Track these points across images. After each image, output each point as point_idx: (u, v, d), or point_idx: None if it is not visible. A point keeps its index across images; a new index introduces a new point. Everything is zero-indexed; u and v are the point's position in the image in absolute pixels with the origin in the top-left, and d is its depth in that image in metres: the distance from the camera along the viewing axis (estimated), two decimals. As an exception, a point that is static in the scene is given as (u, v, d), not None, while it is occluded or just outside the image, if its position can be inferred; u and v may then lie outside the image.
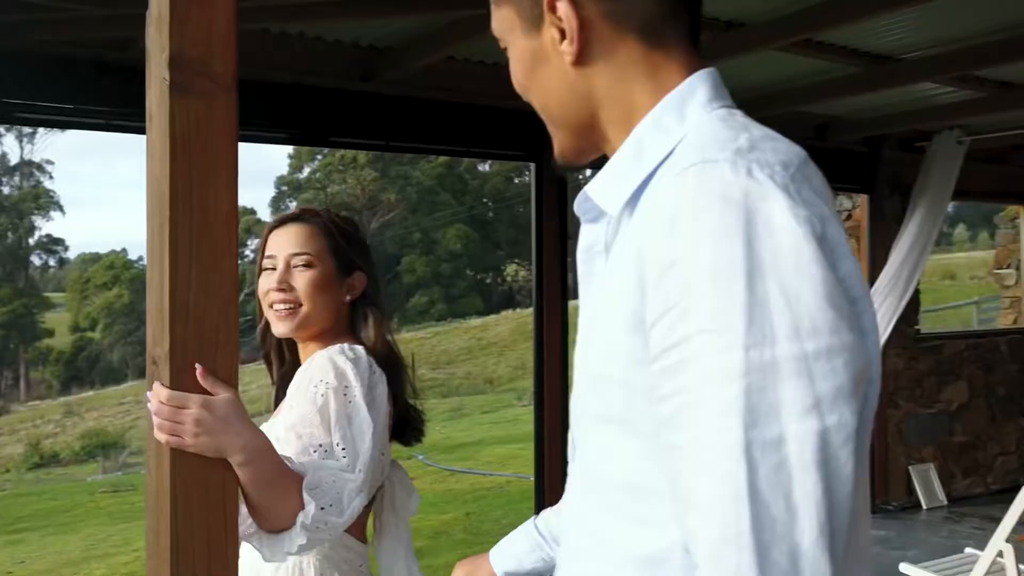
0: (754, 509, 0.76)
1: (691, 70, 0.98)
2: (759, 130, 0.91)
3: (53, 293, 51.53)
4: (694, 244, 0.80)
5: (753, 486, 0.76)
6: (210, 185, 1.38)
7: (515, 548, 1.50)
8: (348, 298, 1.88)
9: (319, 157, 43.88)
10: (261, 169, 54.90)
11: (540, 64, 1.00)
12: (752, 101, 5.00)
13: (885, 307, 6.11)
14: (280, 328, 1.85)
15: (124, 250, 49.06)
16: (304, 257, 1.84)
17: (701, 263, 0.80)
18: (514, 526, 1.53)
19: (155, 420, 1.38)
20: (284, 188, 45.69)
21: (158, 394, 1.38)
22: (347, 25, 4.03)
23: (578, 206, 1.03)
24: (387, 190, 42.20)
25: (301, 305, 1.83)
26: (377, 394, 1.72)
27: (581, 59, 0.96)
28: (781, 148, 0.88)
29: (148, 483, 1.46)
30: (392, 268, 40.00)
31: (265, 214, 45.01)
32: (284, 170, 50.74)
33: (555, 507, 1.46)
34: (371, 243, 2.08)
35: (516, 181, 44.68)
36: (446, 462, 12.58)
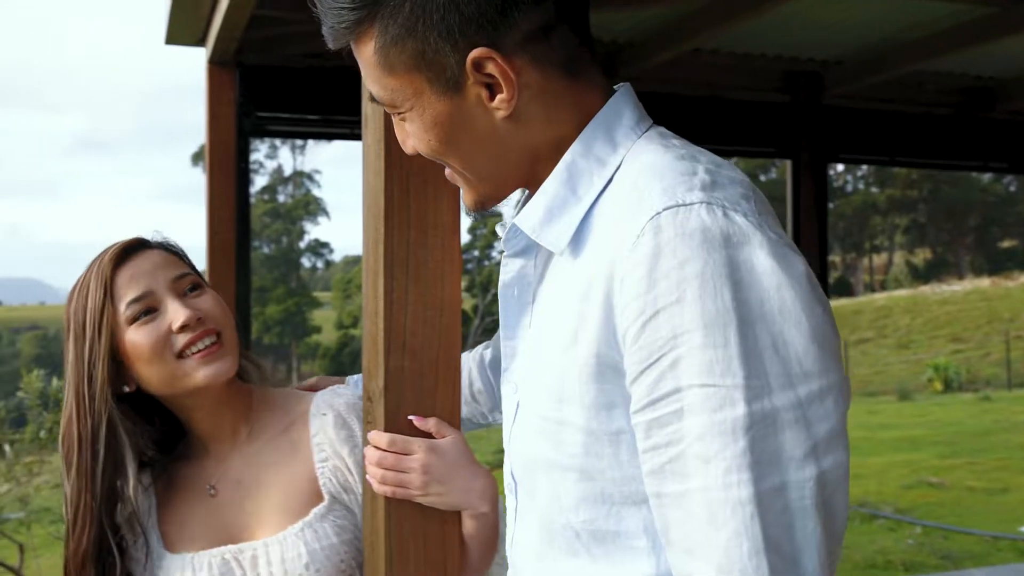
0: (771, 558, 0.77)
1: (607, 91, 0.96)
2: (704, 155, 0.90)
3: (321, 292, 55.68)
4: (680, 293, 0.79)
5: (767, 536, 0.77)
6: (429, 196, 1.22)
7: None
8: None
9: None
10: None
11: (462, 126, 0.92)
12: (867, 59, 4.17)
13: None
14: (211, 370, 1.33)
15: (382, 252, 51.95)
16: (191, 277, 1.40)
17: (690, 313, 0.79)
18: None
19: (375, 471, 1.22)
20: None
21: (376, 441, 1.23)
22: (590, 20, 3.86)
23: (505, 240, 0.99)
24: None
25: (220, 334, 1.37)
26: None
27: (515, 112, 0.90)
28: (734, 176, 0.87)
29: (364, 534, 1.31)
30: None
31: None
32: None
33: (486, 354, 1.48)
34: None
35: (762, 179, 43.17)
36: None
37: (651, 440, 0.82)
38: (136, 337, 1.33)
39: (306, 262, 55.28)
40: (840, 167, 44.98)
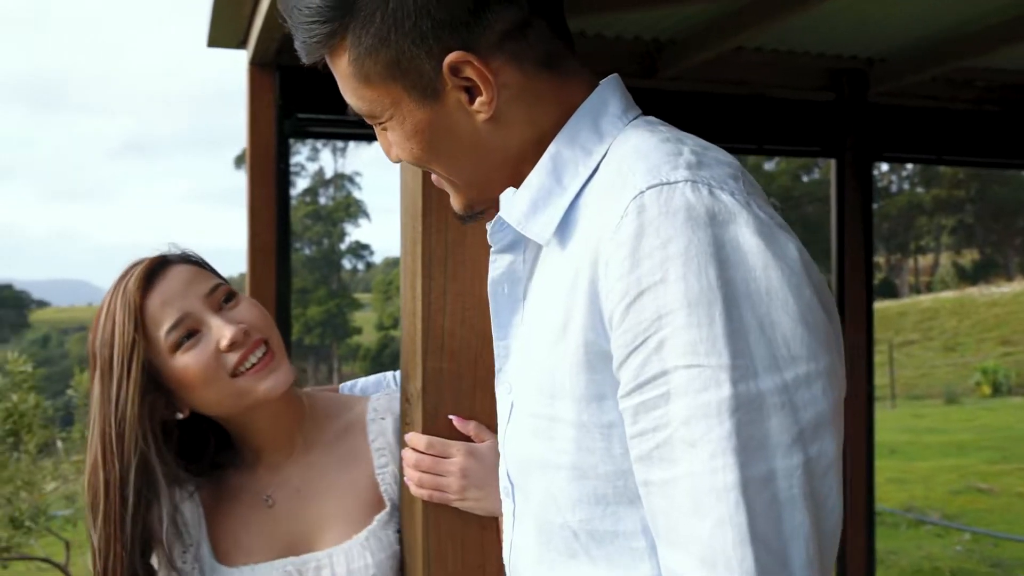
0: (756, 550, 0.74)
1: (590, 84, 0.94)
2: (690, 139, 0.88)
3: (361, 294, 56.02)
4: (664, 272, 0.77)
5: (753, 528, 0.74)
6: (468, 196, 1.19)
7: None
8: None
9: (602, 160, 44.23)
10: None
11: (444, 132, 0.90)
12: (912, 56, 4.09)
13: None
14: (271, 382, 1.28)
15: (422, 254, 52.22)
16: (222, 287, 1.32)
17: (674, 292, 0.76)
18: None
19: (412, 474, 1.21)
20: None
21: (415, 443, 1.21)
22: (629, 20, 3.83)
23: (491, 235, 0.96)
24: (670, 191, 41.78)
25: (268, 341, 1.31)
26: None
27: (495, 113, 0.88)
28: (721, 157, 0.85)
29: (403, 536, 1.30)
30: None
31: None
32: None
33: None
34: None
35: (805, 179, 42.71)
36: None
37: (638, 425, 0.79)
38: (183, 363, 1.25)
39: (347, 264, 55.71)
40: (885, 167, 44.33)
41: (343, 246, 53.52)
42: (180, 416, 1.31)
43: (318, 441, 1.37)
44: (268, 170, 3.47)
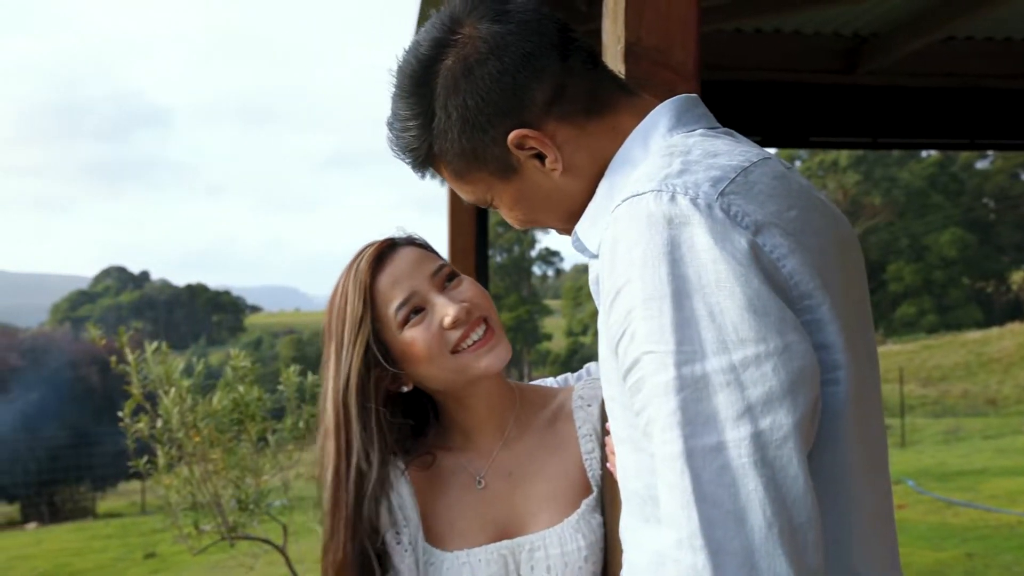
0: (702, 511, 0.82)
1: (643, 109, 1.06)
2: (702, 150, 0.96)
3: (551, 300, 56.72)
4: (628, 273, 0.89)
5: (699, 491, 0.83)
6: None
7: None
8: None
9: (798, 162, 42.83)
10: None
11: (533, 194, 1.08)
12: None
13: None
14: (491, 359, 1.34)
15: (610, 261, 52.24)
16: (446, 267, 1.39)
17: (635, 290, 0.89)
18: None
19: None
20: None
21: None
22: (828, 14, 3.73)
23: (574, 246, 1.11)
24: (871, 194, 39.93)
25: (488, 319, 1.36)
26: None
27: (566, 166, 1.05)
28: (721, 163, 0.94)
29: (606, 520, 1.34)
30: (877, 276, 37.64)
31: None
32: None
33: None
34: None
35: (1023, 178, 39.55)
36: (941, 491, 11.37)
37: (634, 407, 0.92)
38: (410, 338, 1.32)
39: (537, 270, 56.52)
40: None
41: (533, 253, 54.37)
42: (405, 389, 1.37)
43: (528, 426, 1.42)
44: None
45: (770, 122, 4.22)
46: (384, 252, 1.37)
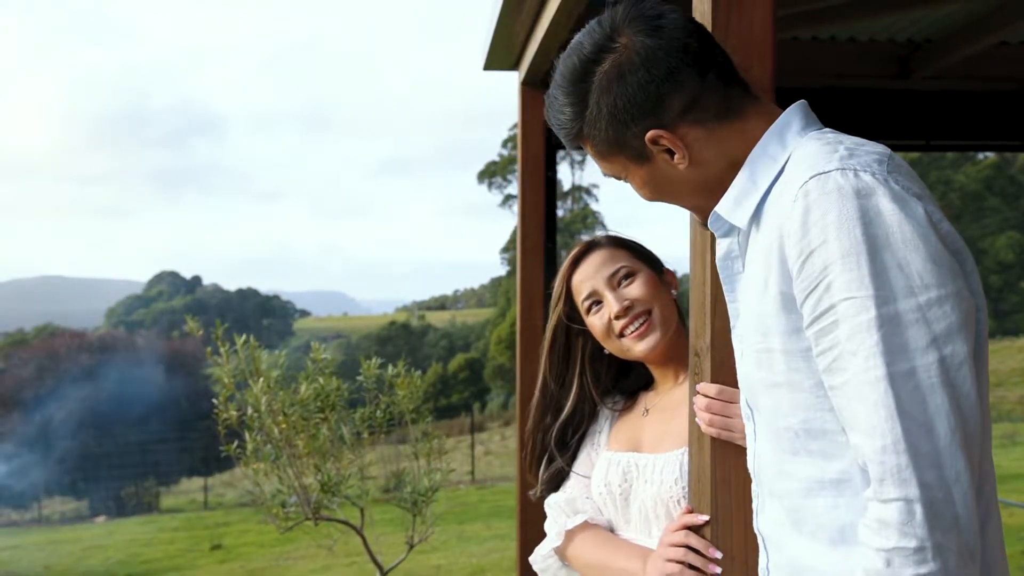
0: (903, 423, 1.04)
1: (772, 113, 1.27)
2: (850, 140, 1.18)
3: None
4: (824, 235, 1.08)
5: (900, 407, 1.04)
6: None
7: None
8: (674, 293, 1.90)
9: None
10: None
11: (661, 180, 1.29)
12: None
13: None
14: (643, 345, 1.81)
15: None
16: (624, 268, 1.85)
17: (833, 249, 1.08)
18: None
19: (704, 415, 1.47)
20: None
21: (706, 389, 1.47)
22: (882, 22, 3.86)
23: (711, 224, 1.31)
24: (925, 197, 39.16)
25: (650, 312, 1.82)
26: None
27: (692, 161, 1.25)
28: (872, 149, 1.15)
29: (691, 468, 1.55)
30: (931, 280, 36.89)
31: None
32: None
33: None
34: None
35: (1085, 179, 38.67)
36: (998, 493, 11.29)
37: (820, 346, 1.11)
38: (592, 323, 1.87)
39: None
40: None
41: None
42: (606, 351, 1.90)
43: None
44: (537, 178, 3.83)
45: (826, 126, 4.35)
46: (581, 255, 1.91)
